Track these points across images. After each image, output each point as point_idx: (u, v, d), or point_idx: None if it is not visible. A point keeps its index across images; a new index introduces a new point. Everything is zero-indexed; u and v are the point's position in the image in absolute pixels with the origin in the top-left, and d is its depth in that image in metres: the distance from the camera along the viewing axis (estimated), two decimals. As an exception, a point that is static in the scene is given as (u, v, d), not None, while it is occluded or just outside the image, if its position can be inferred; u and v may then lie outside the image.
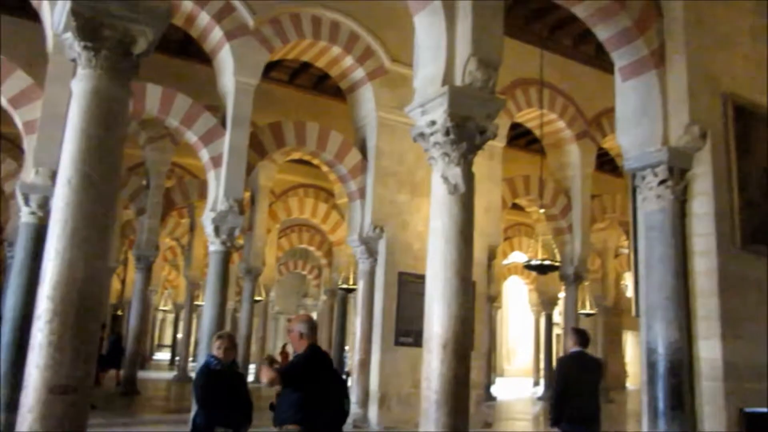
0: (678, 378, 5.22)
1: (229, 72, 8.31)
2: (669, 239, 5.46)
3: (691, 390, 5.31)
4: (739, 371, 5.27)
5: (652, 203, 5.61)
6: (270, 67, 11.25)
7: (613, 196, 14.58)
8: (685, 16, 5.71)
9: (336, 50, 9.18)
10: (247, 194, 12.43)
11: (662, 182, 5.54)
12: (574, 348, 5.38)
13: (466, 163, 4.17)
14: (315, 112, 12.02)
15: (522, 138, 14.76)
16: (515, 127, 12.59)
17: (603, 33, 5.90)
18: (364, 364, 8.88)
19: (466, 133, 4.14)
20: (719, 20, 5.99)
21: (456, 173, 4.12)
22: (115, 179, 3.34)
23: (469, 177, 4.17)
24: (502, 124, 10.57)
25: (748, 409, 5.21)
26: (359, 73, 9.30)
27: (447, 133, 4.11)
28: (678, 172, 5.56)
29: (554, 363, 20.33)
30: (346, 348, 15.65)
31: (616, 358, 21.14)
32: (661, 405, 5.22)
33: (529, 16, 10.59)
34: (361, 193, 9.22)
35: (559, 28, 10.98)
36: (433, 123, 4.19)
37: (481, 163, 9.96)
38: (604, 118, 11.53)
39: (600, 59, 10.31)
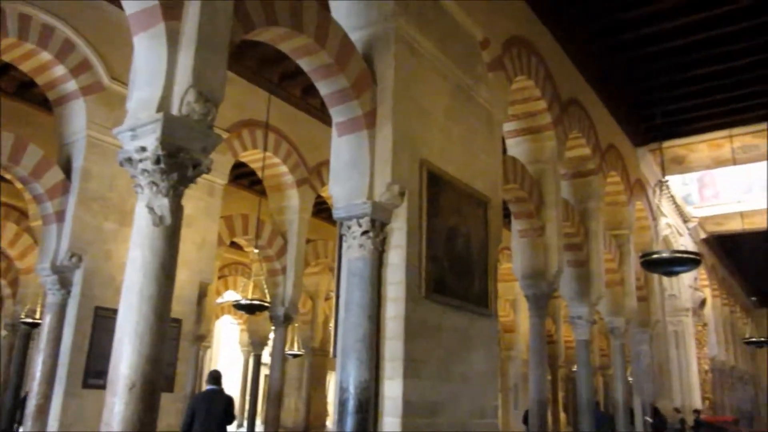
0: (364, 415, 5.61)
1: None
2: (367, 285, 5.92)
3: (375, 426, 5.76)
4: (414, 408, 5.87)
5: (355, 251, 6.06)
6: (-42, 61, 9.63)
7: (326, 242, 15.41)
8: (394, 88, 6.38)
9: (46, 56, 8.22)
10: None
11: (365, 233, 6.02)
12: (208, 386, 6.48)
13: (175, 194, 4.02)
14: (14, 120, 10.54)
15: (246, 178, 14.87)
16: (240, 166, 12.66)
17: (324, 89, 6.31)
18: (42, 409, 7.79)
19: (178, 164, 4.00)
20: (421, 96, 6.84)
21: (163, 204, 3.93)
22: None
23: (177, 209, 4.02)
24: (226, 162, 10.55)
25: (419, 442, 5.82)
26: (71, 85, 8.43)
27: (157, 162, 3.92)
28: (379, 225, 6.11)
29: (260, 403, 20.37)
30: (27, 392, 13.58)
31: (319, 398, 21.96)
32: (347, 441, 5.55)
33: (262, 62, 10.87)
34: (60, 216, 8.25)
35: (290, 78, 11.45)
36: (143, 149, 3.97)
37: (199, 198, 9.83)
38: (323, 168, 12.20)
39: (324, 113, 10.97)
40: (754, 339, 20.63)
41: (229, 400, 6.64)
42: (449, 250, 6.83)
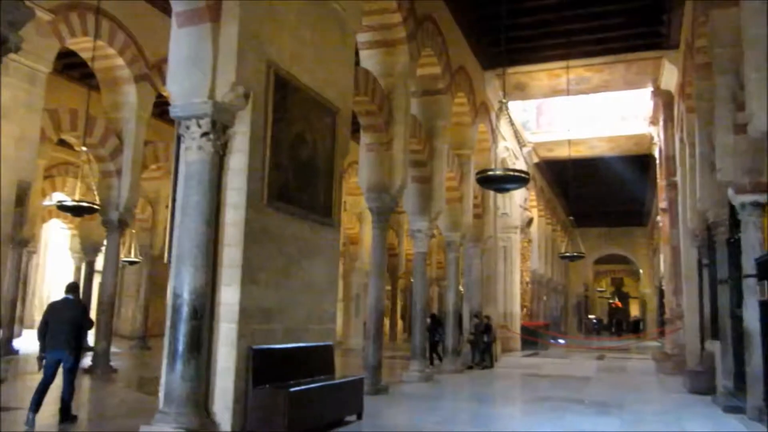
0: (199, 321, 5.51)
1: None
2: (205, 190, 5.68)
3: (211, 332, 5.69)
4: (251, 314, 5.87)
5: (193, 154, 5.75)
6: None
7: (168, 144, 14.54)
8: (242, -20, 5.94)
9: None
10: None
11: (205, 134, 5.71)
12: (64, 295, 6.57)
13: (-25, 74, 3.50)
14: None
15: (77, 69, 13.43)
16: (70, 55, 11.36)
17: (163, -28, 5.73)
18: None
19: (-23, 39, 3.46)
20: (274, -7, 6.45)
21: (-41, 84, 3.41)
22: None
23: (-23, 92, 3.51)
24: (50, 47, 9.43)
25: (255, 347, 5.87)
26: None
27: (-50, 33, 3.36)
28: (221, 127, 5.81)
29: (93, 312, 19.42)
30: None
31: (158, 306, 21.33)
32: (180, 347, 5.44)
33: (95, -65, 9.62)
34: None
35: (130, -42, 10.30)
36: (-69, 16, 3.37)
37: (18, 87, 8.76)
38: (166, 65, 11.30)
39: (167, 2, 10.08)
40: (568, 254, 23.18)
41: (83, 308, 6.51)
42: (294, 158, 6.71)
